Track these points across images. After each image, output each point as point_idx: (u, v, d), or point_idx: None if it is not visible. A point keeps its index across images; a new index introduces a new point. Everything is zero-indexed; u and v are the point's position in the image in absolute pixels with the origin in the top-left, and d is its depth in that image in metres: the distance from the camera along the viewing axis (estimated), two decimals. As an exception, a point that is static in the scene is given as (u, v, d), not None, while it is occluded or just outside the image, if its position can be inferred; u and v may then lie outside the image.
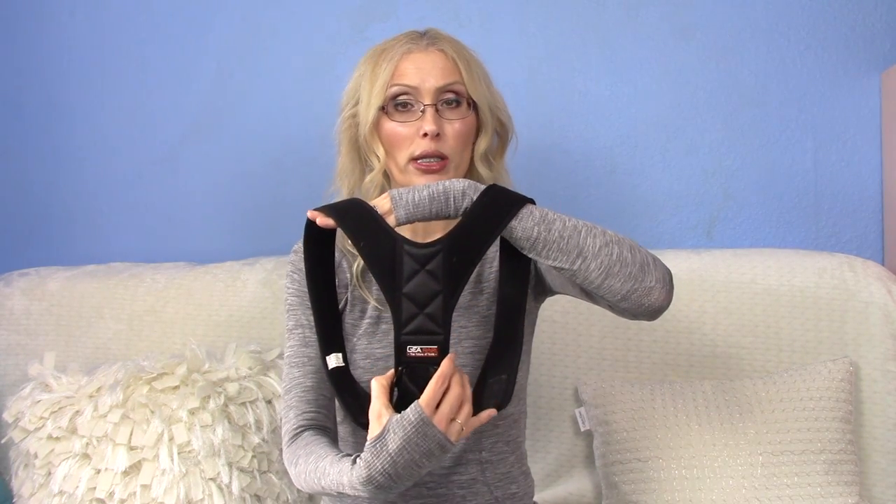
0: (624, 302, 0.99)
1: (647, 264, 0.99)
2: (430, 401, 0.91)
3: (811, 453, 1.37)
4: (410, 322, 0.91)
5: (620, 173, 1.71)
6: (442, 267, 0.92)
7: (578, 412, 1.51)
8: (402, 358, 0.92)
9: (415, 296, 0.91)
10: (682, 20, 1.68)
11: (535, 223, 0.96)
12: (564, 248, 0.97)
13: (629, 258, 0.98)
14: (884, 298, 1.47)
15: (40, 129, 1.91)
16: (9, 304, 1.75)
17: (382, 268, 0.92)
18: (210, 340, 1.62)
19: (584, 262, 0.97)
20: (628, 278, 0.98)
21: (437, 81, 1.12)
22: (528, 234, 0.96)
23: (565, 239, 0.97)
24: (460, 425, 0.93)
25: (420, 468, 0.93)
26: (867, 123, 1.64)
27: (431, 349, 0.91)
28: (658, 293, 1.00)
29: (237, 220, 1.85)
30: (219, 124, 1.85)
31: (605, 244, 0.98)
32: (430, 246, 0.92)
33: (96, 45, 1.88)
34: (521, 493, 1.22)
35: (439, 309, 0.91)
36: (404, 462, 0.92)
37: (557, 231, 0.97)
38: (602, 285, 0.98)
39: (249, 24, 1.83)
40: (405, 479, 0.94)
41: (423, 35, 1.17)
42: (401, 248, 0.92)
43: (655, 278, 0.99)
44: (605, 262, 0.97)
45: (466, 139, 1.14)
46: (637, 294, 0.99)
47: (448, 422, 0.93)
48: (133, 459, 1.40)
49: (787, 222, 1.67)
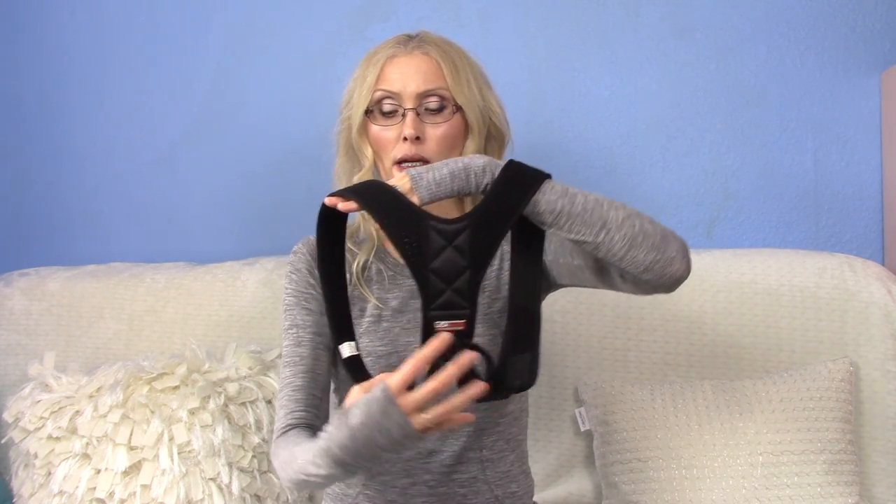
0: (647, 273, 1.00)
1: (667, 235, 1.01)
2: (398, 381, 0.90)
3: (811, 453, 1.37)
4: (438, 297, 0.91)
5: (620, 173, 1.71)
6: (469, 242, 0.92)
7: (578, 412, 1.51)
8: (429, 332, 0.92)
9: (442, 271, 0.91)
10: (682, 20, 1.69)
11: (559, 196, 0.97)
12: (588, 221, 0.97)
13: (650, 229, 0.99)
14: (884, 298, 1.47)
15: (40, 129, 1.92)
16: (9, 304, 1.75)
17: (409, 244, 0.91)
18: (210, 340, 1.62)
19: (607, 233, 0.97)
20: (651, 248, 0.99)
21: (419, 86, 1.13)
22: (552, 206, 0.96)
23: (588, 211, 0.97)
24: (426, 420, 0.90)
25: (378, 447, 0.91)
26: (867, 123, 1.64)
27: (459, 323, 0.91)
28: (679, 263, 1.01)
29: (237, 220, 1.85)
30: (219, 124, 1.85)
31: (628, 216, 0.99)
32: (457, 222, 0.92)
33: (96, 45, 1.88)
34: (521, 492, 1.22)
35: (466, 284, 0.91)
36: (363, 438, 0.91)
37: (581, 204, 0.97)
38: (626, 256, 0.98)
39: (249, 24, 1.83)
40: (364, 458, 0.93)
41: (411, 39, 1.18)
42: (426, 224, 0.92)
43: (676, 248, 1.01)
44: (628, 234, 0.98)
45: (451, 142, 1.15)
46: (660, 264, 0.99)
47: (416, 410, 0.90)
48: (133, 459, 1.40)
49: (787, 222, 1.67)
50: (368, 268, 1.22)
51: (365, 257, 1.21)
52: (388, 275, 1.20)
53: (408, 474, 1.16)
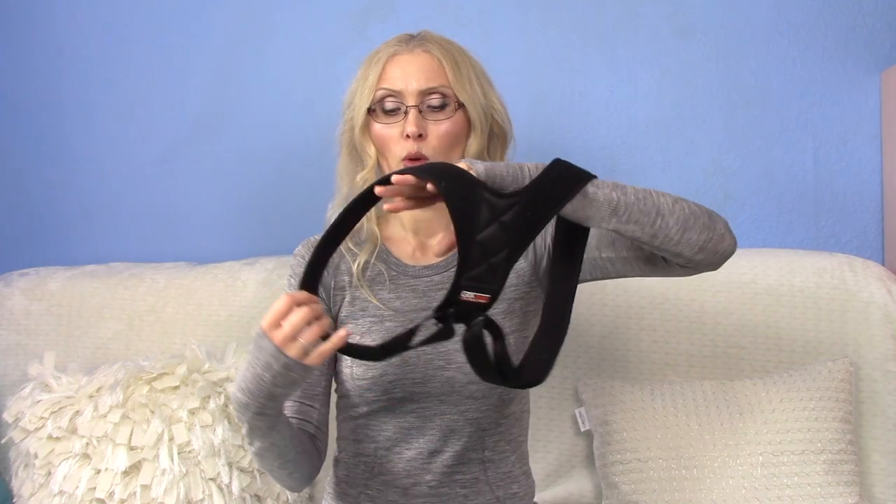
0: (700, 253, 1.01)
1: (712, 213, 1.03)
2: (268, 318, 0.96)
3: (811, 453, 1.37)
4: (474, 268, 0.92)
5: (620, 173, 1.71)
6: (515, 220, 0.92)
7: (578, 412, 1.51)
8: (454, 298, 0.92)
9: (485, 244, 0.91)
10: (682, 20, 1.68)
11: (611, 189, 0.97)
12: (644, 209, 0.98)
13: (697, 210, 1.01)
14: (884, 298, 1.47)
15: (40, 129, 1.91)
16: (9, 304, 1.75)
17: (462, 211, 0.91)
18: (210, 340, 1.62)
19: (662, 219, 0.98)
20: (703, 228, 1.00)
21: (421, 84, 1.14)
22: (610, 199, 0.97)
23: (642, 200, 0.98)
24: (303, 344, 0.95)
25: (265, 383, 0.97)
26: (867, 123, 1.64)
27: (483, 297, 0.92)
28: (729, 238, 1.03)
29: (237, 220, 1.85)
30: (219, 124, 1.85)
31: (675, 200, 1.00)
32: (509, 197, 0.93)
33: (96, 45, 1.88)
34: (522, 493, 1.22)
35: (502, 261, 0.92)
36: (251, 376, 0.98)
37: (633, 194, 0.98)
38: (681, 240, 0.99)
39: (249, 24, 1.83)
40: (257, 395, 0.99)
41: (412, 37, 1.19)
42: (481, 193, 0.92)
43: (723, 224, 1.03)
44: (680, 217, 0.99)
45: (453, 140, 1.15)
46: (713, 242, 1.01)
47: (289, 339, 0.95)
48: (133, 459, 1.40)
49: (787, 222, 1.67)
50: (370, 268, 1.21)
51: (366, 258, 1.21)
52: (391, 275, 1.20)
53: (409, 475, 1.16)
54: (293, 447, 1.09)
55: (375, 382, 1.14)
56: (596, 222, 0.98)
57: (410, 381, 1.14)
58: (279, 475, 1.13)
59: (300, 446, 1.11)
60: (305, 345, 0.96)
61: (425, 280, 1.19)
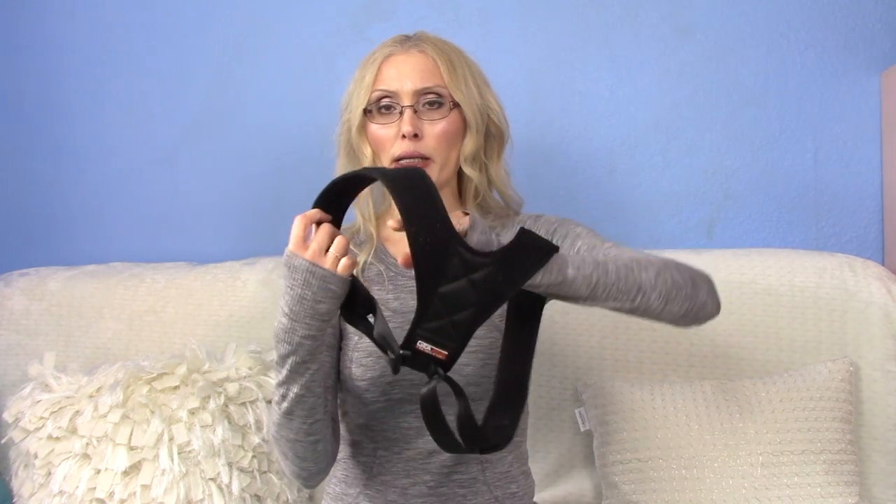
0: (682, 320, 1.01)
1: (696, 279, 1.01)
2: (294, 240, 0.97)
3: (811, 453, 1.37)
4: (434, 321, 0.87)
5: (620, 174, 1.71)
6: (486, 281, 0.87)
7: (578, 412, 1.51)
8: (409, 344, 0.88)
9: (449, 299, 0.86)
10: (682, 20, 1.68)
11: (593, 269, 0.94)
12: (624, 288, 0.95)
13: (680, 280, 0.99)
14: (884, 298, 1.47)
15: (40, 129, 1.91)
16: (9, 304, 1.75)
17: (427, 260, 0.86)
18: (210, 340, 1.62)
19: (643, 296, 0.96)
20: (685, 299, 0.99)
21: (416, 83, 1.14)
22: (589, 280, 0.93)
23: (622, 279, 0.95)
24: (335, 256, 0.97)
25: (307, 300, 0.97)
26: (867, 123, 1.64)
27: (441, 353, 0.88)
28: (711, 304, 1.02)
29: (237, 220, 1.85)
30: (219, 124, 1.85)
31: (657, 273, 0.97)
32: (482, 256, 0.87)
33: (96, 45, 1.88)
34: (521, 493, 1.22)
35: (466, 320, 0.87)
36: (292, 298, 0.98)
37: (614, 272, 0.95)
38: (663, 312, 0.98)
39: (249, 24, 1.83)
40: (302, 316, 0.98)
41: (408, 38, 1.19)
42: (454, 246, 0.86)
43: (706, 291, 1.02)
44: (662, 291, 0.97)
45: (450, 140, 1.15)
46: (694, 310, 1.00)
47: (321, 252, 0.97)
48: (133, 459, 1.40)
49: (787, 222, 1.67)
50: (368, 269, 1.22)
51: (364, 258, 1.21)
52: (389, 276, 1.20)
53: (408, 474, 1.16)
54: (322, 405, 1.08)
55: (374, 383, 1.14)
56: (572, 300, 0.95)
57: (408, 382, 1.14)
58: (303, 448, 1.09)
59: (326, 410, 1.10)
60: (337, 254, 0.97)
61: (424, 280, 1.19)
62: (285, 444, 1.10)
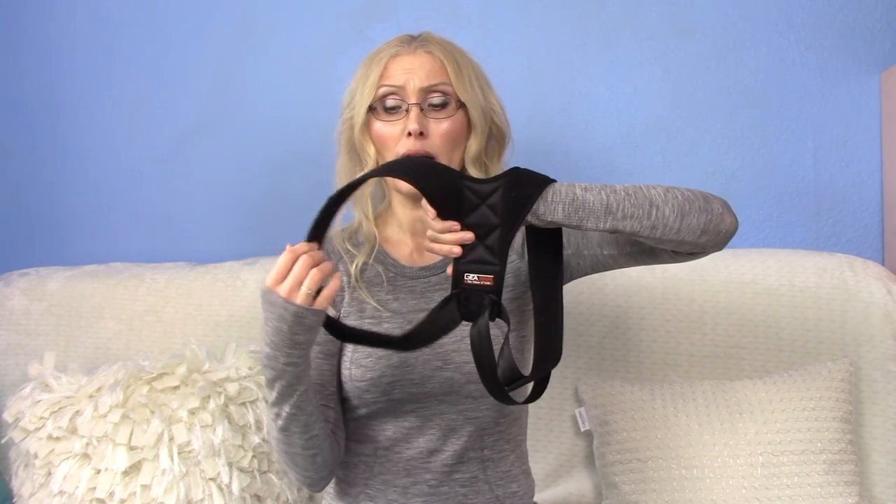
0: (703, 235, 1.01)
1: (706, 195, 1.03)
2: (272, 274, 0.99)
3: (811, 453, 1.37)
4: (470, 252, 0.95)
5: (620, 173, 1.71)
6: (501, 201, 0.95)
7: (578, 412, 1.51)
8: (459, 284, 0.96)
9: (475, 228, 0.95)
10: (682, 20, 1.68)
11: (600, 189, 0.98)
12: (637, 203, 0.98)
13: (691, 195, 1.01)
14: (884, 298, 1.47)
15: (41, 129, 1.91)
16: (9, 304, 1.75)
17: (446, 201, 0.95)
18: (210, 340, 1.62)
19: (658, 210, 0.98)
20: (701, 211, 1.00)
21: (422, 82, 1.14)
22: (599, 197, 0.97)
23: (632, 195, 0.98)
24: (307, 292, 0.97)
25: (284, 332, 0.99)
26: (867, 123, 1.64)
27: (487, 278, 0.95)
28: (728, 215, 1.03)
29: (237, 220, 1.85)
30: (219, 124, 1.85)
31: (667, 190, 1.00)
32: (491, 182, 0.96)
33: (96, 45, 1.88)
34: (521, 493, 1.22)
35: (497, 241, 0.95)
36: (271, 329, 1.00)
37: (622, 191, 0.98)
38: (681, 227, 0.99)
39: (249, 24, 1.83)
40: (281, 345, 1.00)
41: (414, 38, 1.19)
42: (461, 183, 0.96)
43: (720, 203, 1.03)
44: (675, 204, 0.99)
45: (454, 139, 1.15)
46: (714, 223, 1.01)
47: (293, 288, 0.98)
48: (133, 459, 1.40)
49: (787, 222, 1.67)
50: (368, 269, 1.21)
51: (364, 259, 1.21)
52: (388, 276, 1.20)
53: (408, 474, 1.17)
54: (317, 420, 1.09)
55: (374, 384, 1.14)
56: (592, 224, 0.97)
57: (409, 381, 1.14)
58: (303, 459, 1.10)
59: (323, 424, 1.11)
60: (309, 291, 0.97)
61: (423, 281, 1.19)
62: (286, 456, 1.11)
